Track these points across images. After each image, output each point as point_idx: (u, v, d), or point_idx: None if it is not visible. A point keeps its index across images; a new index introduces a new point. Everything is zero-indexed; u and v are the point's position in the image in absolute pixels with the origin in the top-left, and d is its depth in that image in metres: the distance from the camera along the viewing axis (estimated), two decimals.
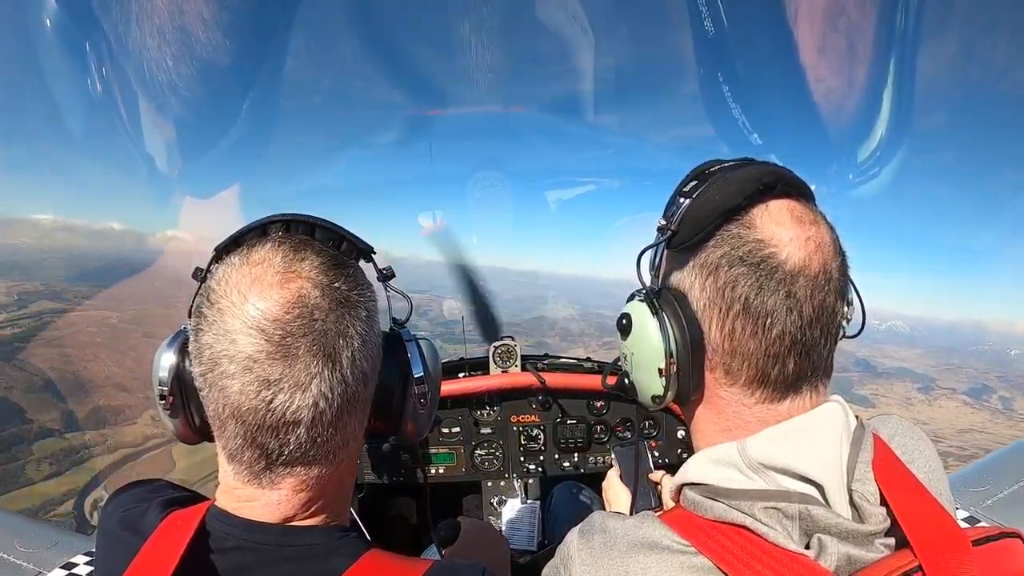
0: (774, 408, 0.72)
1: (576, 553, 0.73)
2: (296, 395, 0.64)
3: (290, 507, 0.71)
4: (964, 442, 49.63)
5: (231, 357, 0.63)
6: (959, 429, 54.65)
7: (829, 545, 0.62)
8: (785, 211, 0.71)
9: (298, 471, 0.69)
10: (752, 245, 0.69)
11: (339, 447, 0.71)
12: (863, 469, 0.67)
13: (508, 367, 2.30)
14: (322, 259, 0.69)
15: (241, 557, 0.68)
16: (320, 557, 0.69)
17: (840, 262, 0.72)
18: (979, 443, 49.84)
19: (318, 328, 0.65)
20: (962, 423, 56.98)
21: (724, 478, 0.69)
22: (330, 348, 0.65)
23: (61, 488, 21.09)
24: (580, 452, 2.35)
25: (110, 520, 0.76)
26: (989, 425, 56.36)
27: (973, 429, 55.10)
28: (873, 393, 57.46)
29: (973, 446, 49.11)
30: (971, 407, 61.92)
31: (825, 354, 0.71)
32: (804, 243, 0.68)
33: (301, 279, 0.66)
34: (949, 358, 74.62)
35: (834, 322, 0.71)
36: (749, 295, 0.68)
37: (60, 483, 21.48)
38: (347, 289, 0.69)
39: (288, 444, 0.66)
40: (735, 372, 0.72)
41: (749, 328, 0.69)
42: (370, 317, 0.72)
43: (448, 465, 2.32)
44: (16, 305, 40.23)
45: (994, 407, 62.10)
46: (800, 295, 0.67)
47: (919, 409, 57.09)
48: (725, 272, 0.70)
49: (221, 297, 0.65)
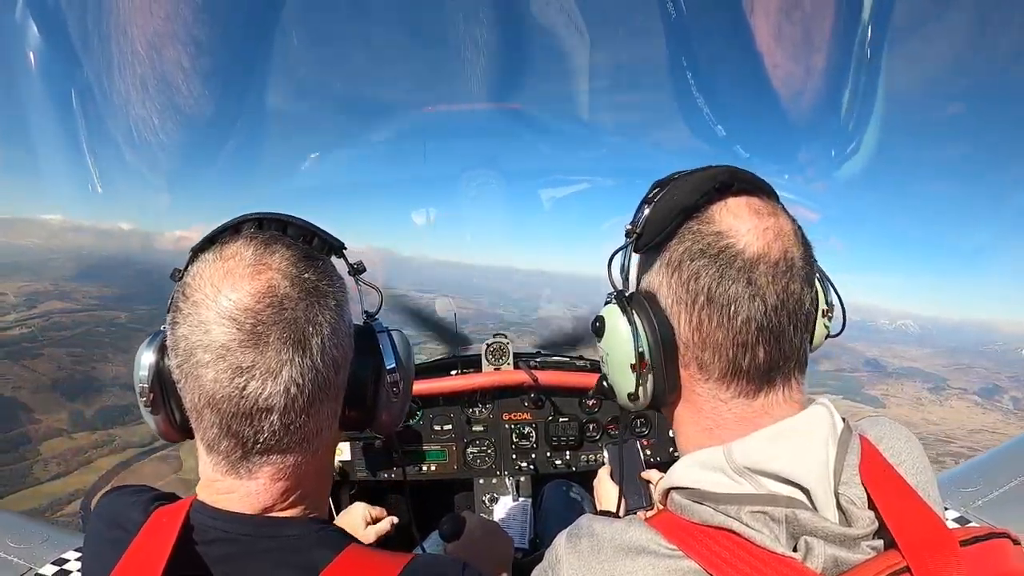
0: (750, 403, 0.72)
1: (564, 556, 0.74)
2: (268, 382, 0.66)
3: (268, 496, 0.72)
4: (975, 443, 49.23)
5: (205, 347, 0.66)
6: (970, 430, 54.20)
7: (816, 547, 0.62)
8: (743, 205, 0.73)
9: (274, 459, 0.71)
10: (711, 238, 0.71)
11: (313, 434, 0.73)
12: (850, 472, 0.68)
13: (501, 365, 2.30)
14: (292, 252, 0.71)
15: (223, 549, 0.69)
16: (301, 550, 0.70)
17: (803, 252, 0.73)
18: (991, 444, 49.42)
19: (288, 316, 0.67)
20: (973, 424, 56.52)
21: (711, 482, 0.70)
22: (300, 335, 0.68)
23: (68, 488, 21.20)
24: (572, 450, 2.33)
25: (97, 522, 0.78)
26: (1000, 426, 55.89)
27: (984, 430, 54.64)
28: (883, 393, 57.07)
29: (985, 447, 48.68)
30: (982, 408, 61.42)
31: (797, 343, 0.72)
32: (762, 232, 0.71)
33: (271, 271, 0.69)
34: (959, 358, 74.11)
35: (801, 310, 0.72)
36: (711, 286, 0.70)
37: (67, 483, 21.59)
38: (316, 279, 0.71)
39: (263, 431, 0.68)
40: (708, 366, 0.73)
41: (715, 318, 0.70)
42: (339, 306, 0.74)
43: (440, 462, 2.31)
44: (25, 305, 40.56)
45: (1005, 407, 61.57)
46: (761, 282, 0.69)
47: (930, 409, 56.64)
48: (688, 266, 0.72)
49: (195, 291, 0.68)
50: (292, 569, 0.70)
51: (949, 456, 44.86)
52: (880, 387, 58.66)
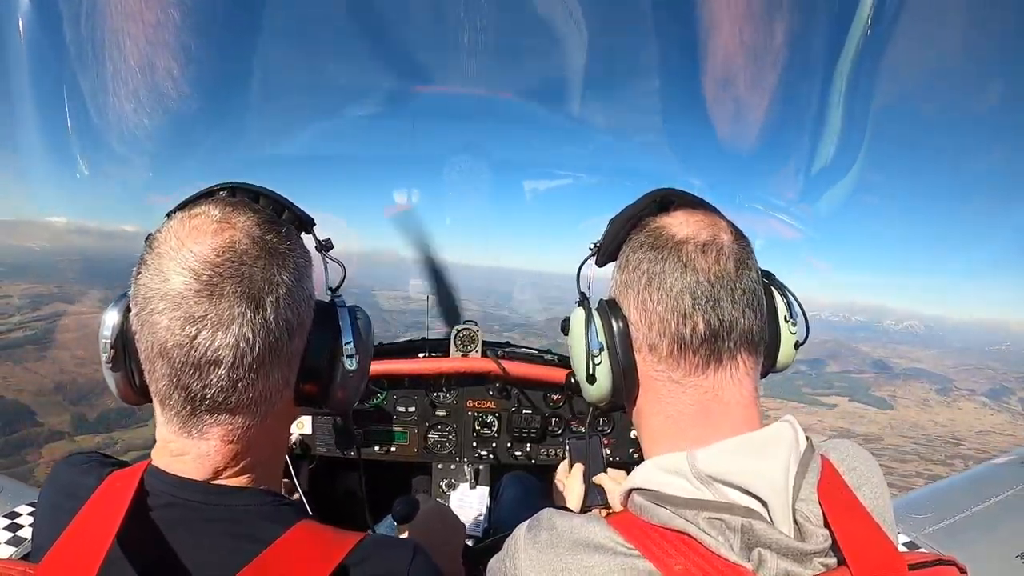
0: (701, 381, 0.76)
1: (522, 547, 0.76)
2: (218, 333, 0.68)
3: (220, 459, 0.73)
4: (983, 444, 48.84)
5: (162, 295, 0.68)
6: (978, 431, 53.80)
7: (768, 560, 0.64)
8: (682, 212, 0.82)
9: (223, 420, 0.72)
10: (650, 232, 0.81)
11: (262, 398, 0.73)
12: (808, 489, 0.70)
13: (468, 352, 2.27)
14: (257, 216, 0.74)
15: (172, 513, 0.70)
16: (250, 521, 0.72)
17: (735, 239, 0.79)
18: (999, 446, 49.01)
19: (245, 272, 0.69)
20: (981, 425, 56.09)
21: (672, 486, 0.72)
22: (255, 292, 0.69)
23: None
24: (533, 443, 2.32)
25: (50, 488, 0.79)
26: (1009, 427, 55.43)
27: (993, 431, 54.24)
28: (891, 395, 56.78)
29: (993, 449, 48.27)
30: (990, 409, 60.98)
31: (738, 316, 0.75)
32: (694, 223, 0.79)
33: (235, 229, 0.71)
34: (966, 358, 73.74)
35: (738, 285, 0.76)
36: (650, 267, 0.77)
37: None
38: (277, 242, 0.73)
39: (210, 386, 0.69)
40: (657, 345, 0.77)
41: (655, 295, 0.76)
42: (298, 271, 0.76)
43: (401, 444, 2.30)
44: (29, 307, 40.66)
45: (1013, 408, 61.08)
46: (690, 256, 0.76)
47: (937, 411, 56.25)
48: (633, 259, 0.80)
49: (161, 243, 0.71)
50: (240, 540, 0.70)
51: (958, 459, 44.47)
52: (887, 388, 58.32)
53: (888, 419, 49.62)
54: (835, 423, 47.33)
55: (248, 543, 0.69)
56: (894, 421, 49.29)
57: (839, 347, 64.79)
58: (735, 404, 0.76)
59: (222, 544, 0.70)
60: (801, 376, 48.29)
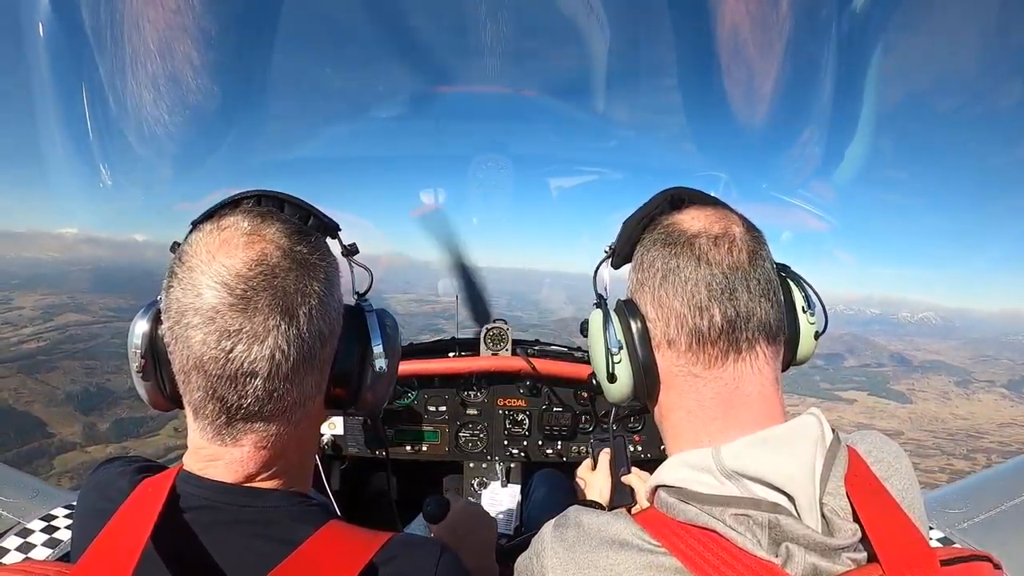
0: (721, 374, 0.75)
1: (549, 545, 0.76)
2: (254, 346, 0.68)
3: (252, 465, 0.74)
4: (1005, 437, 47.89)
5: (196, 309, 0.68)
6: (999, 424, 52.80)
7: (796, 554, 0.63)
8: (693, 208, 0.81)
9: (258, 427, 0.73)
10: (663, 229, 0.80)
11: (296, 404, 0.75)
12: (835, 483, 0.69)
13: (499, 350, 2.28)
14: (286, 227, 0.75)
15: (206, 516, 0.72)
16: (282, 522, 0.73)
17: (747, 230, 0.78)
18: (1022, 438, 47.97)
19: (278, 285, 0.70)
20: (1002, 417, 55.05)
21: (697, 482, 0.72)
22: (288, 304, 0.70)
23: None
24: (564, 440, 2.31)
25: (87, 493, 0.81)
26: None
27: (1014, 423, 53.20)
28: (910, 388, 55.85)
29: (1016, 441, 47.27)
30: (1011, 400, 59.85)
31: (755, 307, 0.74)
32: (704, 217, 0.78)
33: (265, 241, 0.72)
34: (984, 349, 72.57)
35: (754, 274, 0.75)
36: (664, 263, 0.77)
37: None
38: (307, 253, 0.74)
39: (246, 396, 0.70)
40: (675, 340, 0.76)
41: (671, 290, 0.76)
42: (329, 281, 0.77)
43: (432, 443, 2.31)
44: (42, 318, 40.89)
45: None
46: (703, 249, 0.75)
47: (957, 404, 55.28)
48: (647, 257, 0.80)
49: (191, 256, 0.71)
50: (270, 541, 0.71)
51: (980, 452, 43.61)
52: (906, 382, 57.39)
53: (908, 413, 48.82)
54: (855, 419, 46.63)
55: (278, 544, 0.70)
56: (914, 415, 48.49)
57: (855, 341, 63.90)
58: (756, 396, 0.74)
59: (253, 545, 0.71)
60: (818, 371, 47.62)
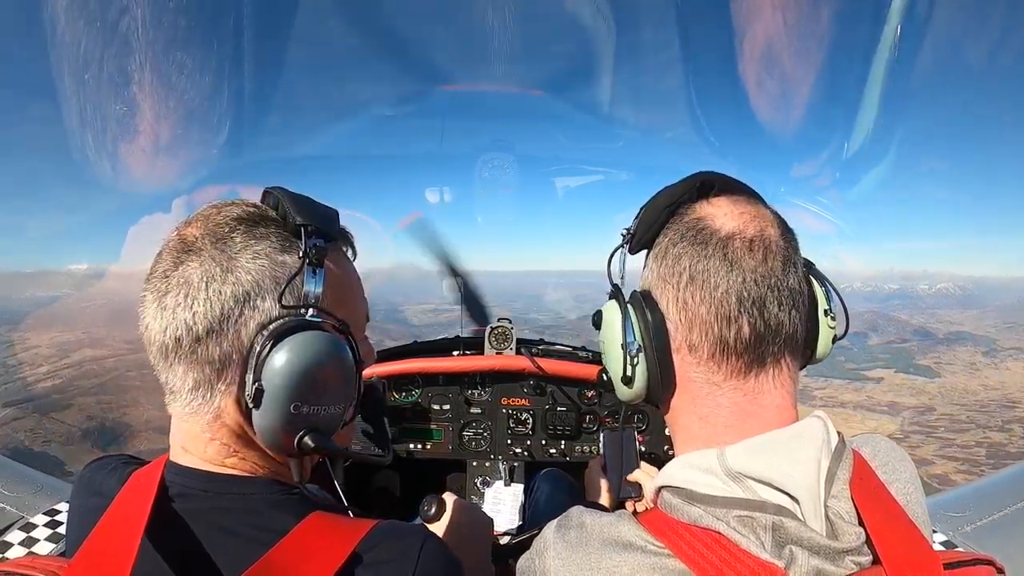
0: (741, 385, 0.73)
1: (551, 545, 0.76)
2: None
3: (223, 446, 0.76)
4: None
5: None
6: None
7: (800, 557, 0.63)
8: (723, 199, 0.77)
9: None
10: (691, 223, 0.76)
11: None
12: (840, 486, 0.68)
13: (503, 349, 2.30)
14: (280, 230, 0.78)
15: (191, 504, 0.72)
16: (265, 511, 0.74)
17: (781, 233, 0.75)
18: None
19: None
20: None
21: (702, 483, 0.71)
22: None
23: None
24: (568, 440, 2.31)
25: (78, 492, 0.82)
26: None
27: None
28: (936, 362, 54.44)
29: None
30: None
31: (784, 319, 0.72)
32: (738, 215, 0.74)
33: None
34: (1007, 316, 70.82)
35: (783, 286, 0.72)
36: (691, 264, 0.73)
37: None
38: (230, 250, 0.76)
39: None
40: (698, 346, 0.74)
41: (698, 295, 0.72)
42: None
43: (436, 441, 2.32)
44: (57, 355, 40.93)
45: None
46: (737, 255, 0.71)
47: (986, 374, 53.81)
48: (671, 252, 0.75)
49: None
50: (255, 530, 0.71)
51: (1016, 423, 42.31)
52: (931, 356, 55.99)
53: (937, 388, 47.58)
54: (884, 397, 45.47)
55: (263, 533, 0.71)
56: (943, 389, 47.25)
57: (877, 318, 62.60)
58: (773, 408, 0.73)
59: (238, 534, 0.71)
60: (843, 352, 46.57)
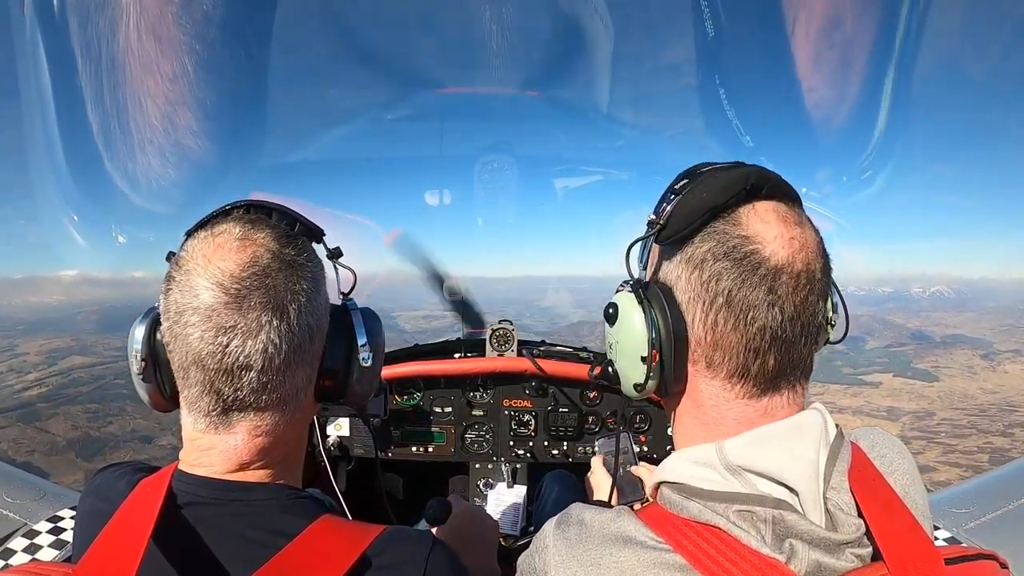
0: (752, 404, 0.73)
1: (551, 543, 0.75)
2: (248, 341, 0.73)
3: (246, 453, 0.77)
4: None
5: (194, 308, 0.74)
6: None
7: (800, 550, 0.63)
8: (771, 211, 0.73)
9: (251, 416, 0.77)
10: (737, 241, 0.71)
11: (289, 396, 0.79)
12: (839, 478, 0.68)
13: (504, 351, 2.28)
14: (274, 231, 0.81)
15: (201, 512, 0.74)
16: (274, 515, 0.75)
17: (823, 264, 0.73)
18: None
19: (269, 284, 0.75)
20: None
21: (701, 478, 0.71)
22: (279, 301, 0.76)
23: None
24: (570, 441, 2.31)
25: (87, 497, 0.84)
26: None
27: None
28: (934, 365, 54.27)
29: None
30: None
31: (805, 353, 0.73)
32: (788, 242, 0.71)
33: (256, 245, 0.77)
34: (1003, 318, 70.88)
35: (815, 322, 0.72)
36: (732, 289, 0.70)
37: None
38: (295, 255, 0.80)
39: (241, 388, 0.75)
40: (717, 365, 0.73)
41: (731, 321, 0.70)
42: (315, 281, 0.82)
43: (438, 444, 2.32)
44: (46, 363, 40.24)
45: None
46: (782, 292, 0.69)
47: (985, 377, 53.61)
48: (710, 266, 0.72)
49: (188, 261, 0.77)
50: (263, 532, 0.73)
51: (1017, 427, 42.03)
52: (929, 359, 55.82)
53: (936, 392, 47.34)
54: (883, 402, 45.19)
55: (272, 536, 0.72)
56: (943, 393, 47.01)
57: (873, 321, 62.42)
58: (778, 419, 0.72)
59: (248, 538, 0.72)
60: (841, 356, 46.25)
